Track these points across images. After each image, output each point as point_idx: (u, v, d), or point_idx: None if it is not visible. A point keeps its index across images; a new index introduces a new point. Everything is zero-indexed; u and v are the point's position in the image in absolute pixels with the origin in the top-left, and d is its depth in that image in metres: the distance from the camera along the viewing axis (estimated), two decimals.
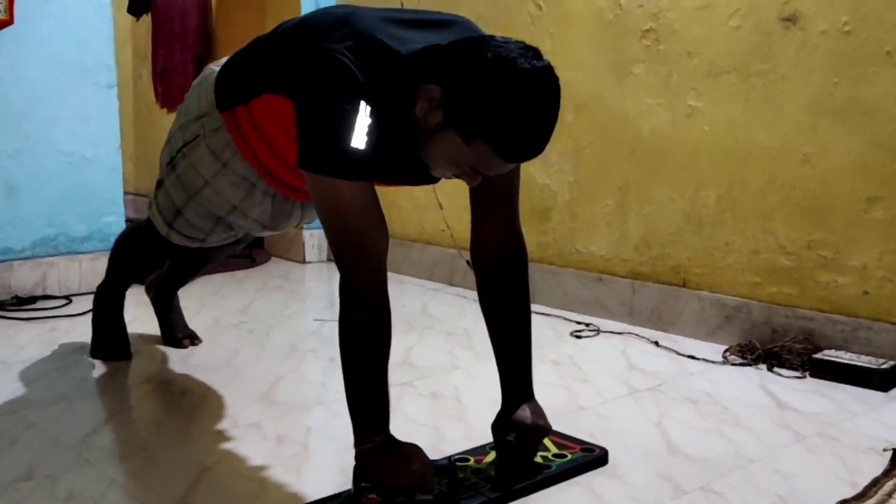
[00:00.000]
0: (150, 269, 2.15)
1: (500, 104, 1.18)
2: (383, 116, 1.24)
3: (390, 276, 1.35)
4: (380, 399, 1.27)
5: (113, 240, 2.82)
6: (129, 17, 4.65)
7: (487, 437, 1.48)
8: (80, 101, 2.76)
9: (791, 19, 2.07)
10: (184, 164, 1.69)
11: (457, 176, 1.28)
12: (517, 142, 1.20)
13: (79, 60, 2.75)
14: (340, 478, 1.37)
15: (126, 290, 2.11)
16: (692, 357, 2.12)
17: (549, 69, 1.22)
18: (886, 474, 1.43)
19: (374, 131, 1.22)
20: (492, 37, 1.25)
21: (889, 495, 1.35)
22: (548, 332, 2.35)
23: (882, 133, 1.94)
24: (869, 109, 1.96)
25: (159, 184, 1.79)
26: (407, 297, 2.83)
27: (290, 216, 1.78)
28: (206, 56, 4.22)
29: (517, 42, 1.23)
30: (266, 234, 1.85)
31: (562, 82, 1.27)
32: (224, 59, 1.70)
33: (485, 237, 1.47)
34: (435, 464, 1.27)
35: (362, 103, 1.21)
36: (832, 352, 1.99)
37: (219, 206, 1.69)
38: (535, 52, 1.22)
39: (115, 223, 2.87)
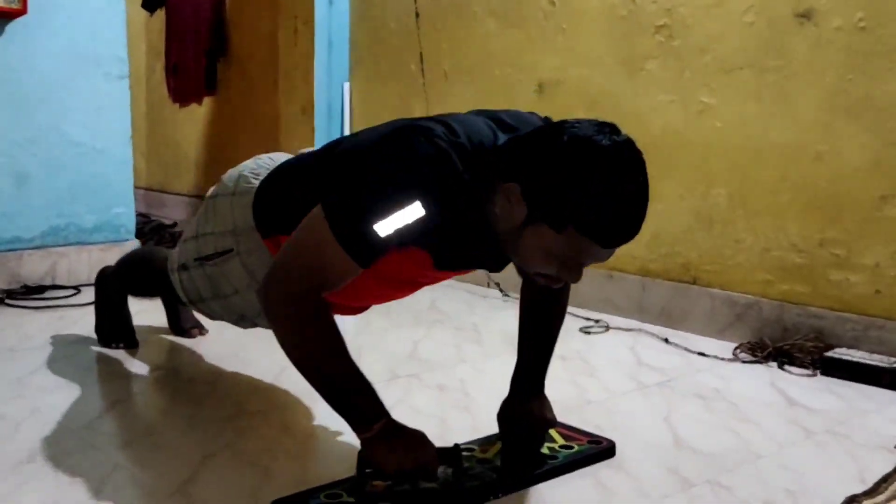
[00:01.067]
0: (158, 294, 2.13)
1: (586, 186, 1.10)
2: (460, 214, 1.21)
3: None
4: (361, 391, 1.23)
5: (122, 231, 2.86)
6: (144, 12, 4.67)
7: (494, 429, 1.47)
8: (91, 92, 2.77)
9: (805, 15, 2.06)
10: (214, 269, 1.58)
11: (558, 273, 1.19)
12: (611, 224, 1.12)
13: (91, 51, 2.76)
14: (345, 465, 1.36)
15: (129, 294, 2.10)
16: (702, 354, 2.11)
17: (630, 143, 1.15)
18: None
19: (441, 229, 1.20)
20: (563, 121, 1.18)
21: None
22: None
23: (895, 131, 1.92)
24: (883, 107, 1.94)
25: (184, 266, 1.65)
26: (417, 292, 2.82)
27: None
28: (218, 51, 4.23)
29: (590, 120, 1.17)
30: None
31: (574, 79, 1.26)
32: (261, 161, 1.58)
33: None
34: (439, 450, 1.26)
35: (417, 203, 1.15)
36: (843, 350, 1.97)
37: (248, 309, 1.60)
38: (612, 127, 1.16)
39: (125, 214, 2.88)
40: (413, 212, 1.15)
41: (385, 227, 1.15)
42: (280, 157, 1.60)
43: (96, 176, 2.80)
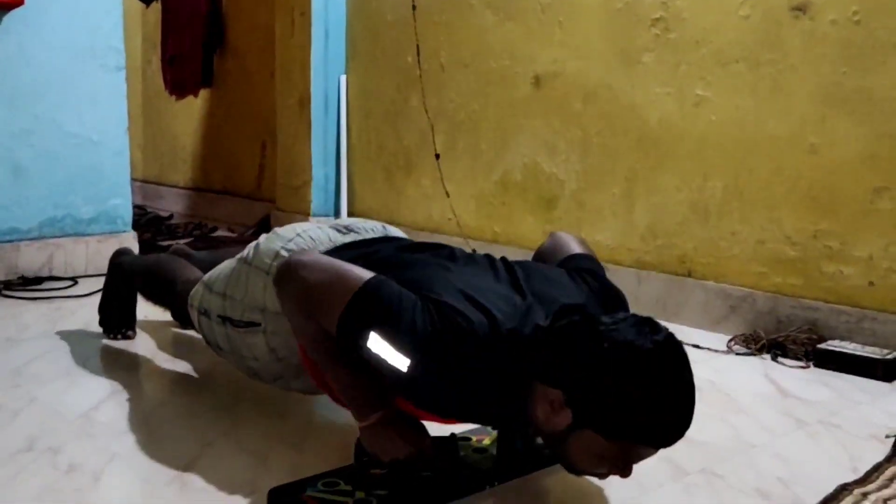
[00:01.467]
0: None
1: (634, 396, 1.07)
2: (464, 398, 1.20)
3: None
4: (363, 381, 1.26)
5: (119, 222, 2.86)
6: (140, 4, 4.66)
7: None
8: (88, 84, 2.77)
9: (801, 8, 2.06)
10: (236, 335, 1.53)
11: (608, 472, 1.17)
12: (665, 430, 1.11)
13: (88, 43, 2.76)
14: (342, 452, 1.37)
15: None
16: (696, 346, 2.12)
17: (671, 340, 1.12)
18: (889, 460, 1.43)
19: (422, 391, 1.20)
20: (597, 319, 1.14)
21: (891, 480, 1.35)
22: None
23: (890, 124, 1.93)
24: (877, 100, 1.95)
25: (205, 312, 1.60)
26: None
27: None
28: (215, 43, 4.23)
29: (626, 318, 1.14)
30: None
31: (570, 71, 1.25)
32: (301, 240, 1.52)
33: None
34: (435, 439, 1.27)
35: (408, 362, 1.15)
36: (836, 342, 1.99)
37: (262, 374, 1.57)
38: (652, 324, 1.13)
39: (122, 206, 2.88)
40: (398, 362, 1.15)
41: (375, 344, 1.16)
42: (319, 238, 1.52)
43: (93, 167, 2.80)
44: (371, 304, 1.19)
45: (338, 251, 1.46)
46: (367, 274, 1.23)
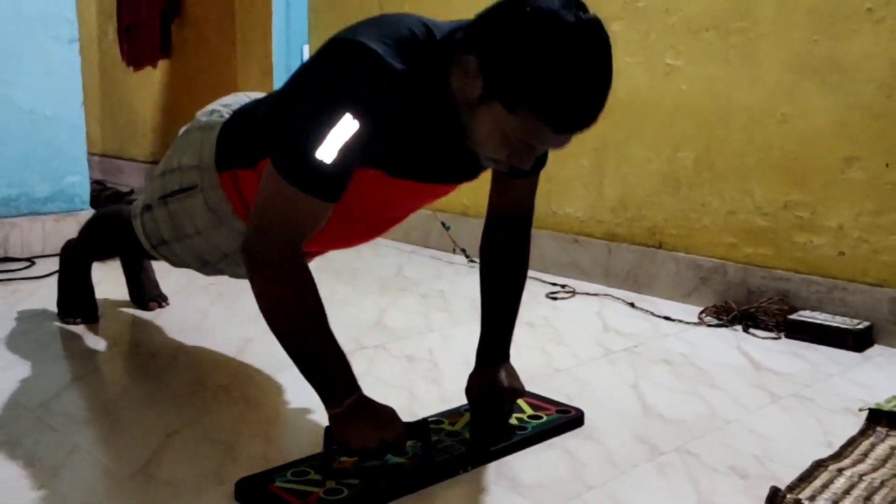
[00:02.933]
0: (126, 256, 2.07)
1: (544, 64, 1.03)
2: (420, 104, 1.15)
3: None
4: (337, 364, 1.20)
5: (77, 201, 2.78)
6: None
7: (462, 400, 1.46)
8: (40, 57, 2.67)
9: None
10: (177, 207, 1.53)
11: (508, 159, 1.14)
12: (566, 107, 1.05)
13: (38, 14, 2.65)
14: (311, 440, 1.34)
15: (94, 261, 2.05)
16: (668, 318, 2.11)
17: (596, 22, 1.07)
18: (863, 434, 1.42)
19: (384, 134, 1.14)
20: None
21: (865, 455, 1.34)
22: (523, 294, 2.32)
23: (861, 93, 1.92)
24: (847, 68, 1.93)
25: (147, 207, 1.61)
26: (382, 259, 2.79)
27: None
28: (173, 12, 4.11)
29: None
30: None
31: None
32: (239, 98, 1.56)
33: (500, 198, 1.43)
34: (408, 425, 1.24)
35: (347, 115, 1.09)
36: (808, 312, 1.99)
37: (209, 252, 1.56)
38: (580, 4, 1.07)
39: (79, 183, 2.79)
40: (346, 126, 1.10)
41: (327, 151, 1.10)
42: (253, 95, 1.55)
43: (48, 144, 2.71)
44: (289, 150, 1.12)
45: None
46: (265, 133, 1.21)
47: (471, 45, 1.10)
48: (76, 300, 2.01)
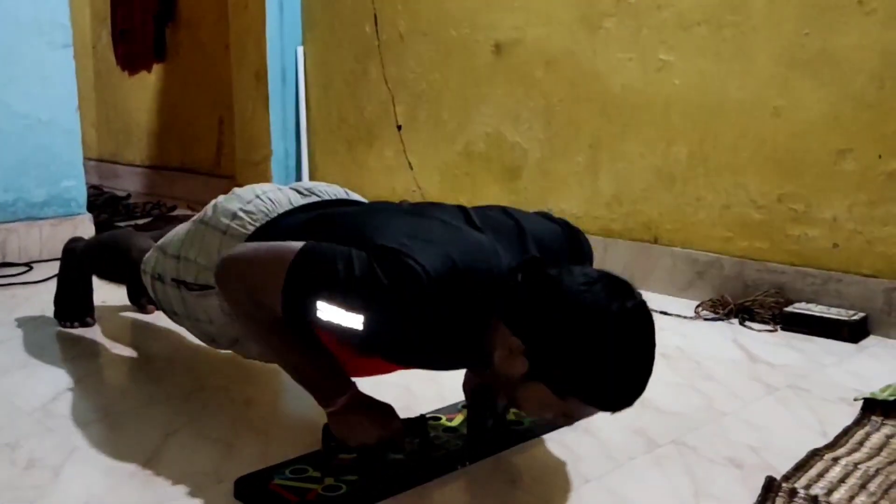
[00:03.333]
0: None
1: (591, 359, 1.05)
2: (448, 337, 1.16)
3: None
4: (325, 366, 1.22)
5: (73, 205, 2.78)
6: None
7: (460, 397, 1.46)
8: (34, 62, 2.67)
9: None
10: (191, 298, 1.50)
11: (554, 421, 1.23)
12: (613, 395, 1.08)
13: (33, 20, 2.66)
14: (310, 439, 1.35)
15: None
16: (664, 313, 2.11)
17: (641, 308, 1.09)
18: (857, 423, 1.43)
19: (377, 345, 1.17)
20: (571, 275, 1.10)
21: (860, 444, 1.35)
22: None
23: (852, 84, 1.93)
24: (839, 60, 1.94)
25: (159, 277, 1.57)
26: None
27: None
28: (167, 16, 4.11)
29: (601, 277, 1.09)
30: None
31: (531, 38, 1.21)
32: (259, 203, 1.47)
33: None
34: (405, 421, 1.24)
35: (361, 318, 1.11)
36: (803, 305, 1.99)
37: (219, 336, 1.53)
38: (625, 289, 1.09)
39: (76, 188, 2.80)
40: (351, 322, 1.11)
41: (324, 311, 1.13)
42: (279, 200, 1.48)
43: (43, 148, 2.71)
44: (308, 270, 1.15)
45: (296, 212, 1.43)
46: (298, 244, 1.19)
47: (515, 327, 1.10)
48: (74, 301, 2.01)
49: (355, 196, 1.59)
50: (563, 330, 1.06)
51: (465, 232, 1.22)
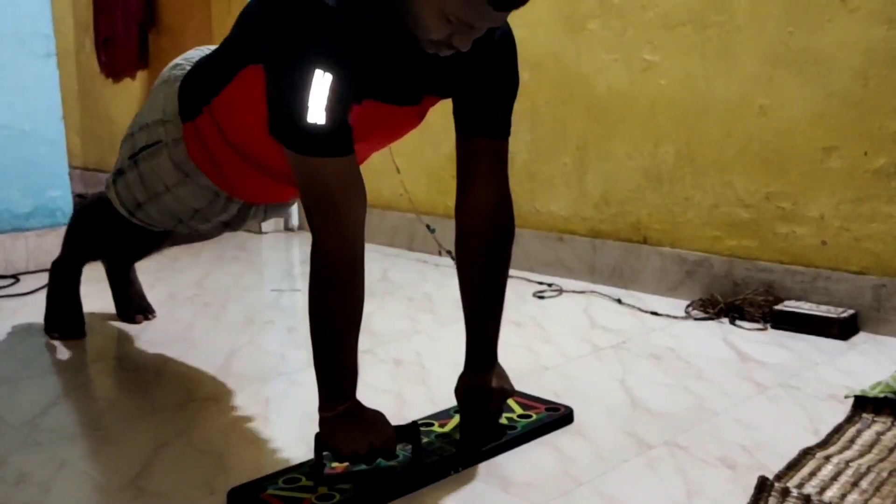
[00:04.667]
0: (111, 246, 2.05)
1: None
2: (364, 24, 1.17)
3: None
4: (347, 368, 1.23)
5: (59, 215, 2.76)
6: None
7: (451, 402, 1.46)
8: (17, 72, 2.64)
9: None
10: (145, 166, 1.60)
11: (449, 39, 1.16)
12: None
13: (14, 29, 2.63)
14: (302, 448, 1.34)
15: (83, 265, 2.04)
16: (655, 313, 2.12)
17: None
18: (849, 421, 1.44)
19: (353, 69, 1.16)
20: None
21: (851, 441, 1.36)
22: (509, 294, 2.28)
23: (837, 82, 1.93)
24: (824, 59, 1.95)
25: (119, 171, 1.68)
26: (366, 263, 2.78)
27: (255, 216, 1.74)
28: (150, 23, 4.09)
29: None
30: (227, 231, 1.80)
31: (517, 41, 1.22)
32: (191, 54, 1.62)
33: (474, 196, 1.39)
34: (398, 428, 1.24)
35: (317, 71, 1.11)
36: (792, 303, 2.00)
37: (181, 210, 1.62)
38: None
39: (61, 198, 2.77)
40: (320, 82, 1.12)
41: (316, 113, 1.12)
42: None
43: (27, 159, 2.69)
44: (287, 124, 1.15)
45: None
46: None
47: None
48: (64, 315, 2.00)
49: None
50: None
51: None
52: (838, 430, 1.40)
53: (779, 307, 1.98)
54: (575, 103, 2.44)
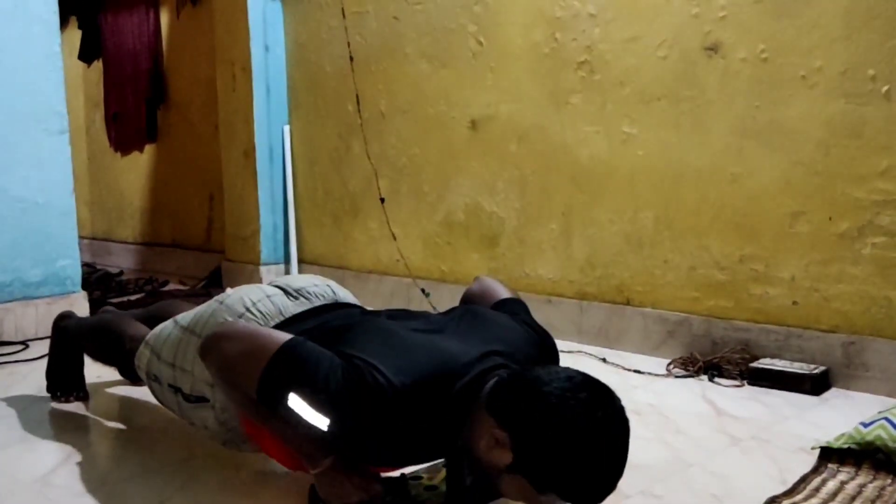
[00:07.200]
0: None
1: (572, 461, 1.14)
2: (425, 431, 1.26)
3: None
4: (310, 435, 1.29)
5: (68, 283, 2.87)
6: (81, 64, 4.69)
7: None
8: (32, 148, 2.79)
9: (713, 48, 2.20)
10: (188, 407, 1.58)
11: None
12: (589, 494, 1.18)
13: (30, 108, 2.79)
14: (299, 499, 1.42)
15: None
16: (638, 371, 2.21)
17: (620, 416, 1.19)
18: (814, 471, 1.52)
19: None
20: (548, 371, 1.22)
21: (816, 490, 1.44)
22: None
23: (801, 151, 2.06)
24: (788, 130, 2.08)
25: (155, 378, 1.64)
26: None
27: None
28: (158, 99, 4.27)
29: (584, 381, 1.20)
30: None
31: (504, 114, 1.30)
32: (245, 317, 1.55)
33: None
34: (387, 480, 1.32)
35: (327, 422, 1.23)
36: (768, 360, 2.09)
37: (215, 437, 1.59)
38: (607, 396, 1.19)
39: (71, 266, 2.89)
40: (318, 421, 1.23)
41: (294, 403, 1.24)
42: (269, 313, 1.55)
43: (39, 230, 2.81)
44: (287, 366, 1.26)
45: (287, 325, 1.49)
46: (284, 337, 1.30)
47: (499, 416, 1.20)
48: (66, 375, 2.07)
49: (343, 293, 1.66)
50: (551, 434, 1.15)
51: (434, 340, 1.34)
52: (804, 480, 1.48)
53: (754, 364, 2.07)
54: (560, 172, 2.57)
